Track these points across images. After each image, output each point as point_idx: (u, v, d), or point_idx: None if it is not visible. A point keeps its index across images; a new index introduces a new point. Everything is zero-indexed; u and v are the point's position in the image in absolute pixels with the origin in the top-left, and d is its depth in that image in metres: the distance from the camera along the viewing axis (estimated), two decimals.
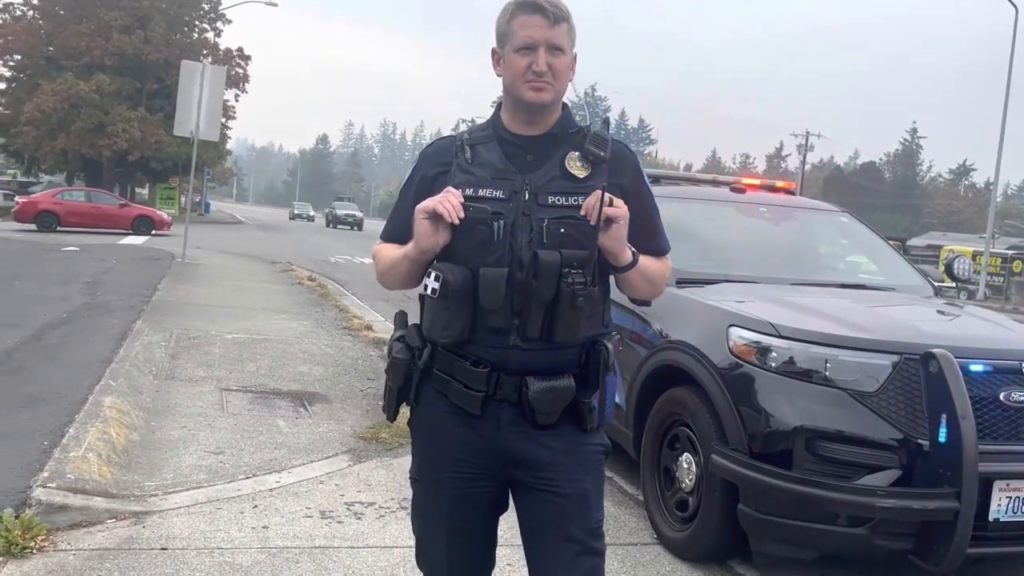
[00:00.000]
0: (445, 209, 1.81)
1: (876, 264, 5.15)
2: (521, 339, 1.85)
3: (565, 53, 1.89)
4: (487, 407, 1.89)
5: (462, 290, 1.84)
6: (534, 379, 1.85)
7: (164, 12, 39.76)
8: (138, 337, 6.98)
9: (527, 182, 1.88)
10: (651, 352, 4.13)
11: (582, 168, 1.90)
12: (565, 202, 1.86)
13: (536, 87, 1.87)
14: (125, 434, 4.46)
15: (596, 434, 1.97)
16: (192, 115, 15.05)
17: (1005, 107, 30.72)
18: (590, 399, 1.91)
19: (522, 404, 1.87)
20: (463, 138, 1.97)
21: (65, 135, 36.33)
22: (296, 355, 7.19)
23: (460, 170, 1.92)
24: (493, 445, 1.91)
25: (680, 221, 4.81)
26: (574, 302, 1.80)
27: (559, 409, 1.89)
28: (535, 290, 1.81)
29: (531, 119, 1.93)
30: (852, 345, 3.37)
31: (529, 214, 1.86)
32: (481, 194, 1.87)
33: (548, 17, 1.86)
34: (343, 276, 15.68)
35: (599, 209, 1.78)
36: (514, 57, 1.88)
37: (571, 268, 1.80)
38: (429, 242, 1.86)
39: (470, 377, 1.88)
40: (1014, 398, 3.28)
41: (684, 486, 3.77)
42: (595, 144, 1.90)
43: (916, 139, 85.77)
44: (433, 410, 1.96)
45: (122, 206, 27.32)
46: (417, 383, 1.96)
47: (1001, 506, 3.18)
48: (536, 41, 1.86)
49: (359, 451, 4.74)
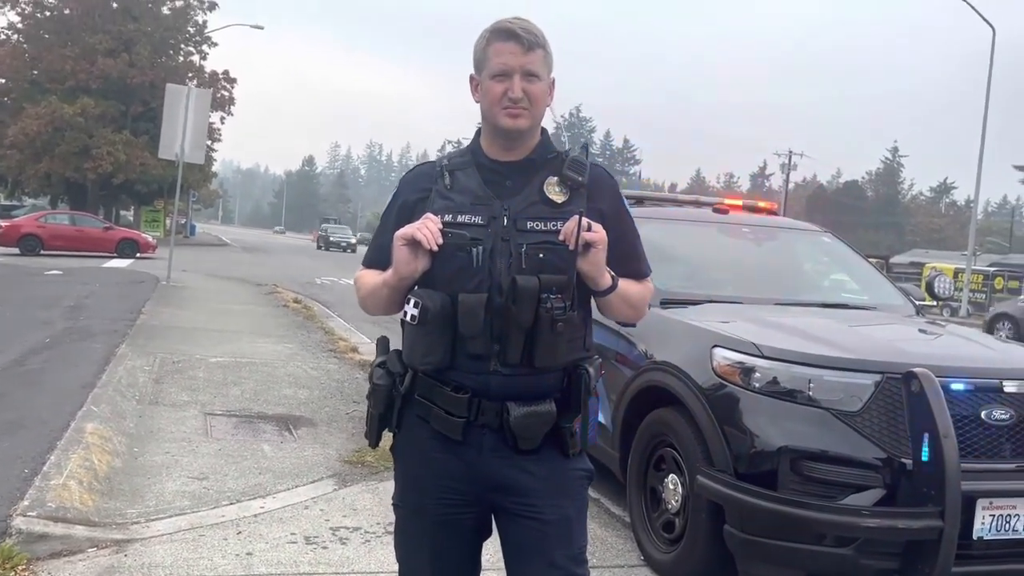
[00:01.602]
0: (424, 236, 1.82)
1: (858, 283, 5.20)
2: (501, 364, 1.85)
3: (541, 79, 1.90)
4: (468, 433, 1.89)
5: (441, 316, 1.84)
6: (515, 404, 1.85)
7: (149, 35, 39.81)
8: (121, 362, 6.93)
9: (506, 208, 1.88)
10: (636, 373, 4.14)
11: (560, 193, 1.91)
12: (544, 227, 1.87)
13: (512, 113, 1.88)
14: (107, 460, 4.41)
15: (579, 459, 1.97)
16: (177, 138, 15.04)
17: (984, 125, 31.15)
18: (572, 424, 1.91)
19: (503, 430, 1.87)
20: (443, 164, 1.98)
21: (49, 158, 36.18)
22: (281, 378, 7.15)
23: (439, 196, 1.93)
24: (475, 471, 1.90)
25: (664, 242, 4.86)
26: (553, 327, 1.81)
27: (541, 434, 1.88)
28: (514, 315, 1.81)
29: (509, 145, 1.94)
30: (835, 365, 3.39)
31: (508, 239, 1.86)
32: (460, 220, 1.88)
33: (523, 44, 1.87)
34: (329, 298, 15.63)
35: (577, 234, 1.79)
36: (490, 84, 1.90)
37: (550, 293, 1.81)
38: (408, 269, 1.87)
39: (451, 403, 1.88)
40: (995, 416, 3.31)
41: (670, 507, 3.77)
42: (573, 169, 1.91)
43: (897, 158, 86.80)
44: (415, 436, 1.96)
45: (106, 229, 27.18)
46: (399, 409, 1.96)
47: (985, 524, 3.19)
48: (511, 68, 1.87)
49: (344, 475, 4.71)
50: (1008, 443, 3.34)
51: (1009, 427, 3.33)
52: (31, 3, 39.62)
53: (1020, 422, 3.35)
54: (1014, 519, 3.23)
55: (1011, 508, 3.22)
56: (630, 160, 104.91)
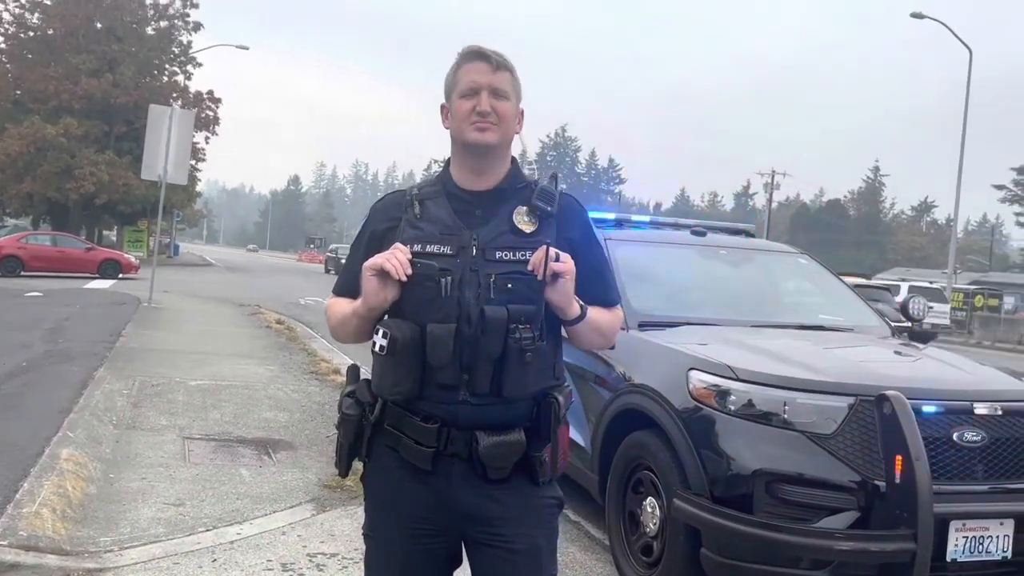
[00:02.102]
0: (392, 266, 1.82)
1: (835, 305, 5.24)
2: (470, 394, 1.85)
3: (509, 99, 1.92)
4: (438, 463, 1.88)
5: (410, 346, 1.84)
6: (484, 434, 1.85)
7: (134, 56, 39.79)
8: (99, 385, 6.87)
9: (475, 238, 1.89)
10: (614, 395, 4.15)
11: (529, 223, 1.92)
12: (512, 257, 1.87)
13: (480, 127, 1.89)
14: (82, 487, 4.37)
15: (549, 487, 1.96)
16: (160, 159, 15.00)
17: (962, 145, 31.59)
18: (542, 452, 1.91)
19: (473, 459, 1.87)
20: (412, 193, 1.98)
21: (31, 178, 35.98)
22: (262, 401, 7.11)
23: (409, 225, 1.93)
24: (445, 500, 1.90)
25: (641, 264, 4.90)
26: (522, 357, 1.81)
27: (510, 464, 1.88)
28: (483, 346, 1.82)
29: (478, 166, 1.94)
30: (809, 388, 3.41)
31: (477, 270, 1.86)
32: (429, 250, 1.88)
33: (491, 63, 1.91)
34: (312, 318, 15.56)
35: (545, 264, 1.80)
36: (459, 102, 1.91)
37: (519, 323, 1.81)
38: (377, 299, 1.87)
39: (419, 433, 1.88)
40: (967, 438, 3.34)
41: (648, 531, 3.77)
42: (542, 199, 1.92)
43: (879, 177, 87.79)
44: (385, 465, 1.95)
45: (88, 250, 27.01)
46: (368, 439, 1.95)
47: (958, 546, 3.21)
48: (479, 85, 1.89)
49: (323, 500, 4.68)
50: (980, 464, 3.36)
51: (981, 449, 3.36)
52: (14, 23, 39.56)
53: (991, 444, 3.38)
54: (987, 540, 3.25)
55: (984, 530, 3.25)
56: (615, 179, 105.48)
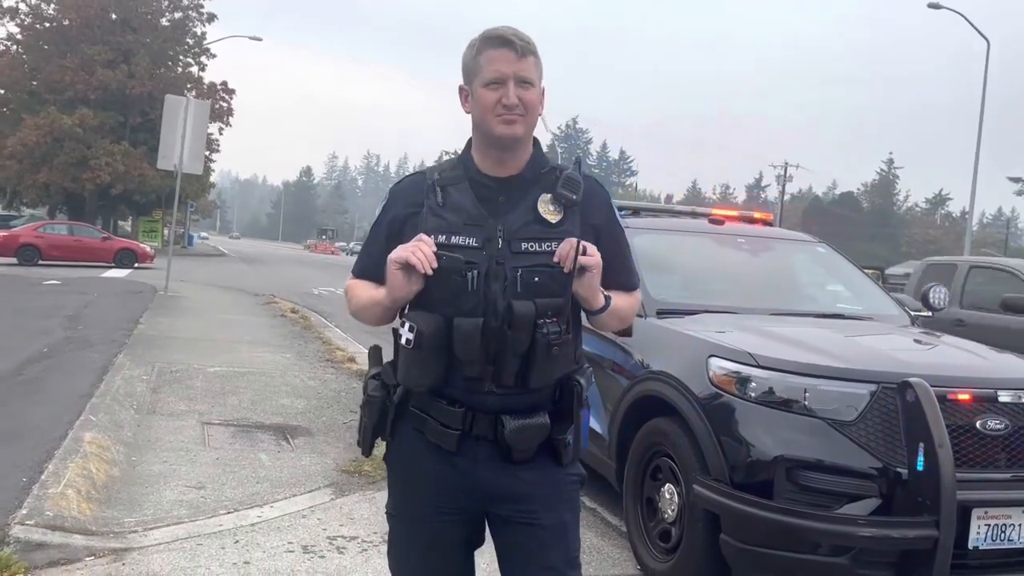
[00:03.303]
0: (418, 260, 1.80)
1: (853, 293, 5.22)
2: (496, 386, 1.86)
3: (534, 86, 1.88)
4: (463, 444, 1.89)
5: (436, 340, 1.83)
6: (509, 418, 1.86)
7: (148, 47, 39.94)
8: (119, 371, 6.93)
9: (500, 228, 1.86)
10: (633, 383, 4.16)
11: (555, 212, 1.89)
12: (538, 248, 1.86)
13: (507, 120, 1.85)
14: (105, 469, 4.41)
15: (572, 465, 1.98)
16: (175, 149, 15.08)
17: (979, 137, 31.28)
18: (565, 435, 1.92)
19: (498, 441, 1.88)
20: (433, 178, 1.94)
21: (48, 169, 36.21)
22: (279, 388, 7.16)
23: (432, 214, 1.90)
24: (470, 481, 1.91)
25: (660, 253, 4.89)
26: (549, 351, 1.81)
27: (535, 446, 1.90)
28: (510, 340, 1.81)
29: (502, 156, 1.91)
30: (830, 375, 3.40)
31: (503, 262, 1.85)
32: (454, 242, 1.85)
33: (516, 50, 1.85)
34: (326, 308, 15.63)
35: (574, 258, 1.79)
36: (483, 92, 1.86)
37: (546, 318, 1.80)
38: (402, 292, 1.86)
39: (446, 415, 1.89)
40: (990, 426, 3.32)
41: (667, 517, 3.78)
42: (567, 187, 1.90)
43: (893, 169, 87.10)
44: (409, 446, 1.96)
45: (104, 239, 27.17)
46: (392, 420, 1.96)
47: (980, 534, 3.20)
48: (505, 75, 1.84)
49: (341, 484, 4.71)
50: (1003, 453, 3.35)
51: (1004, 437, 3.35)
52: (30, 14, 39.76)
53: (1015, 432, 3.36)
54: (1009, 528, 3.25)
55: (1006, 518, 3.24)
56: (626, 171, 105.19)
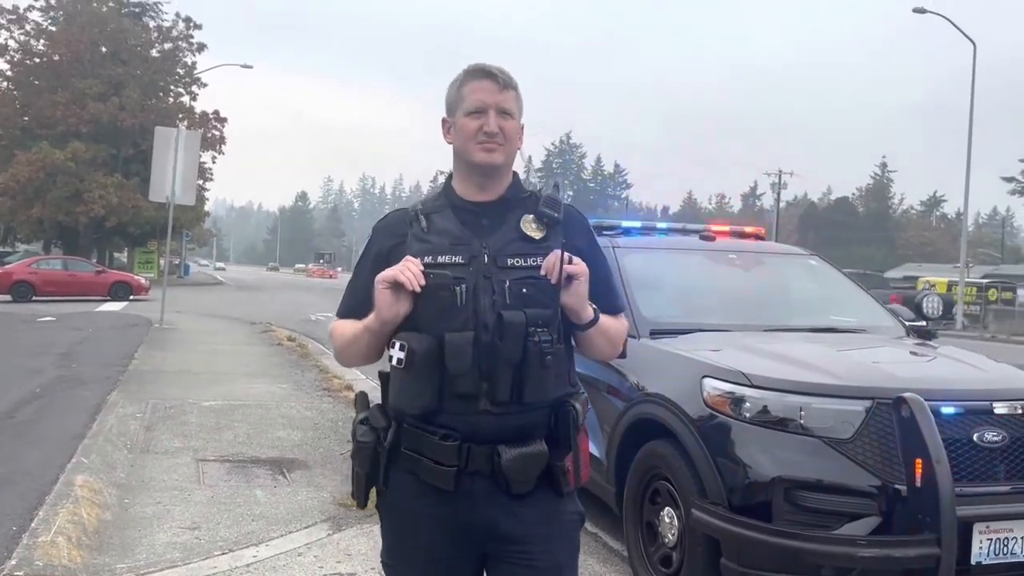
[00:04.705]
0: (406, 278, 1.80)
1: (847, 306, 5.19)
2: (491, 403, 1.83)
3: (514, 118, 1.94)
4: (460, 481, 1.85)
5: (428, 358, 1.82)
6: (506, 447, 1.83)
7: (139, 78, 40.15)
8: (112, 410, 6.88)
9: (485, 246, 1.88)
10: (628, 405, 4.12)
11: (537, 230, 1.92)
12: (524, 263, 1.87)
13: (487, 148, 1.90)
14: (97, 514, 4.36)
15: (571, 501, 1.95)
16: (167, 180, 15.07)
17: (969, 138, 31.44)
18: (563, 462, 1.89)
19: (495, 474, 1.85)
20: (417, 209, 1.98)
21: (41, 203, 36.30)
22: (275, 420, 7.10)
23: (416, 239, 1.92)
24: (467, 520, 1.88)
25: (651, 271, 4.86)
26: (542, 360, 1.80)
27: (534, 476, 1.86)
28: (502, 351, 1.80)
29: (483, 183, 1.95)
30: (825, 392, 3.37)
31: (490, 276, 1.86)
32: (440, 261, 1.87)
33: (498, 82, 1.91)
34: (323, 334, 15.56)
35: (560, 268, 1.79)
36: (465, 120, 1.92)
37: (536, 327, 1.80)
38: (391, 312, 1.84)
39: (440, 452, 1.85)
40: (987, 439, 3.29)
41: (667, 541, 3.73)
42: (548, 206, 1.93)
43: (886, 173, 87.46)
44: (404, 493, 1.92)
45: (99, 272, 27.17)
46: (385, 465, 1.92)
47: (983, 549, 3.16)
48: (486, 104, 1.90)
49: (339, 519, 4.65)
50: (1002, 465, 3.31)
51: (1002, 449, 3.31)
52: (20, 50, 39.97)
53: (1012, 443, 3.33)
54: (1012, 542, 3.20)
55: (1008, 531, 3.19)
56: (621, 184, 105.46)
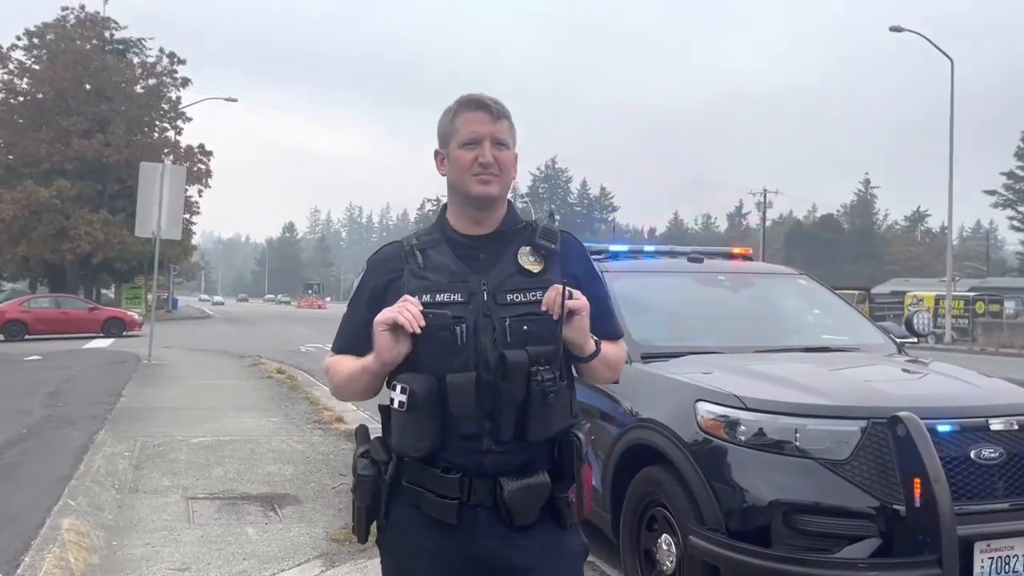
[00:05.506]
0: (405, 319, 1.77)
1: (838, 324, 5.18)
2: (494, 442, 1.81)
3: (509, 148, 1.91)
4: (463, 514, 1.83)
5: (430, 399, 1.79)
6: (508, 479, 1.81)
7: (123, 115, 40.15)
8: (100, 449, 6.78)
9: (483, 282, 1.86)
10: (623, 431, 4.08)
11: (535, 263, 1.90)
12: (524, 298, 1.85)
13: (483, 179, 1.87)
14: (84, 558, 4.27)
15: (575, 534, 1.92)
16: (153, 215, 15.02)
17: (951, 153, 31.82)
18: (567, 494, 1.87)
19: (498, 507, 1.82)
20: (411, 243, 1.95)
21: (27, 242, 36.12)
22: (265, 455, 7.01)
23: (413, 276, 1.89)
24: (469, 554, 1.84)
25: (642, 295, 4.85)
26: (545, 399, 1.78)
27: (536, 508, 1.84)
28: (505, 392, 1.77)
29: (478, 216, 1.92)
30: (819, 413, 3.34)
31: (490, 314, 1.83)
32: (439, 299, 1.84)
33: (491, 113, 1.89)
34: (313, 365, 15.47)
35: (562, 303, 1.77)
36: (459, 152, 1.89)
37: (539, 365, 1.78)
38: (391, 354, 1.82)
39: (442, 485, 1.82)
40: (984, 455, 3.26)
41: (666, 568, 3.68)
42: (545, 237, 1.91)
43: (870, 189, 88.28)
44: (405, 527, 1.89)
45: (91, 309, 27.07)
46: (386, 500, 1.89)
47: (984, 568, 3.12)
48: (481, 135, 1.88)
49: (332, 554, 4.57)
50: (1000, 481, 3.28)
51: (999, 465, 3.28)
52: (3, 89, 39.94)
53: (1010, 459, 3.30)
54: (1013, 559, 3.17)
55: (1009, 549, 3.16)
56: (608, 207, 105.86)
